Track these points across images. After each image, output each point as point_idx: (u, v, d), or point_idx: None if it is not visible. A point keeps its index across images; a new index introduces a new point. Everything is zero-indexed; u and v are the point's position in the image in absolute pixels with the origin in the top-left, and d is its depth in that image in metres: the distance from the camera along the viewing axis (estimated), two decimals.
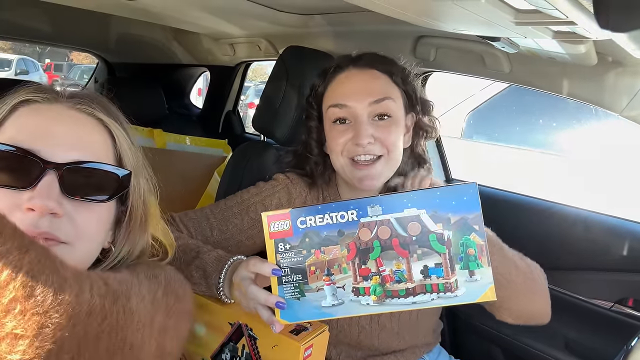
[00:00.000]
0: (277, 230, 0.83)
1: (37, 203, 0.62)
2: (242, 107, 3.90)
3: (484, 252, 0.79)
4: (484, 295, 0.80)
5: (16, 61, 13.75)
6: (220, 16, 2.16)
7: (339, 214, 0.80)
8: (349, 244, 0.81)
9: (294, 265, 0.83)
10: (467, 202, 0.77)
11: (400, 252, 0.80)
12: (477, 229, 0.78)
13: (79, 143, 0.68)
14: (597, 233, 1.67)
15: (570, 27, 0.81)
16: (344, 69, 1.18)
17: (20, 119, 0.68)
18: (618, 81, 1.36)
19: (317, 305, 0.84)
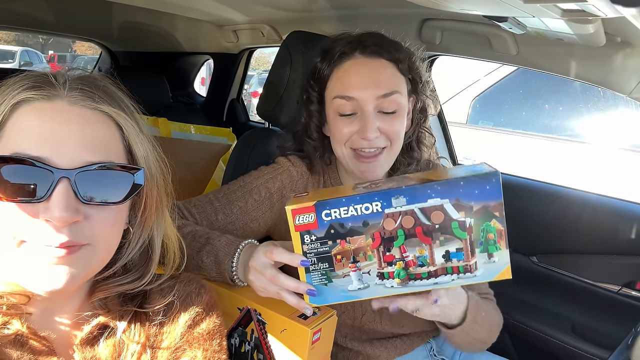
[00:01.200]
0: (302, 223, 0.83)
1: (55, 215, 0.61)
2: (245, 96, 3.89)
3: (502, 237, 0.80)
4: (500, 274, 0.82)
5: (20, 53, 13.73)
6: (224, 2, 2.15)
7: (363, 206, 0.81)
8: (373, 233, 0.82)
9: (321, 255, 0.85)
10: (489, 191, 0.78)
11: (423, 239, 0.82)
12: (497, 216, 0.79)
13: (88, 143, 0.65)
14: (605, 216, 1.67)
15: (579, 4, 0.80)
16: (349, 56, 1.15)
17: (22, 122, 0.64)
18: (627, 62, 1.34)
19: (344, 289, 0.86)
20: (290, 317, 0.94)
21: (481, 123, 4.46)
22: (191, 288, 0.82)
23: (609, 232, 1.65)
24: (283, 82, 1.55)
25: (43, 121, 0.64)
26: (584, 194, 1.75)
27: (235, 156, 1.69)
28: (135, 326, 0.75)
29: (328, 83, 1.18)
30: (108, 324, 0.73)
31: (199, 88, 4.07)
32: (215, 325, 0.81)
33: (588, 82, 1.49)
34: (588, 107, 3.85)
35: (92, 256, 0.66)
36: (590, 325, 1.65)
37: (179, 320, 0.77)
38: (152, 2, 2.25)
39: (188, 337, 0.77)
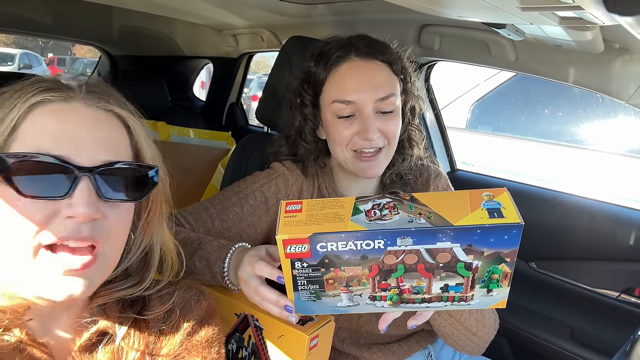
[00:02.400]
0: (294, 252, 0.78)
1: (79, 212, 0.62)
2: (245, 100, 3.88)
3: (507, 277, 0.76)
4: (495, 305, 0.79)
5: (19, 55, 13.74)
6: (223, 7, 2.15)
7: (364, 242, 0.75)
8: (371, 265, 0.77)
9: (312, 279, 0.81)
10: (506, 240, 0.72)
11: (424, 274, 0.77)
12: (508, 261, 0.74)
13: (104, 143, 0.67)
14: (603, 222, 1.67)
15: (576, 12, 0.80)
16: (345, 59, 1.16)
17: (40, 123, 0.65)
18: (625, 69, 1.35)
19: (333, 305, 0.84)
20: (288, 322, 0.94)
21: (480, 128, 4.46)
22: (190, 295, 0.82)
23: (607, 238, 1.64)
24: (282, 87, 1.56)
25: (61, 122, 0.65)
26: (583, 199, 1.75)
27: (234, 160, 1.69)
28: (135, 333, 0.74)
29: (324, 86, 1.18)
30: (107, 330, 0.72)
31: (199, 92, 4.07)
32: (214, 332, 0.81)
33: (587, 89, 1.49)
34: (587, 112, 3.86)
35: (105, 262, 0.68)
36: (589, 331, 1.64)
37: (178, 327, 0.77)
38: (152, 6, 2.26)
39: (187, 345, 0.77)
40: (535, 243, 1.77)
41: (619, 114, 3.41)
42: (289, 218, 0.80)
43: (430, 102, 2.13)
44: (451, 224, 0.72)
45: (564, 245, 1.74)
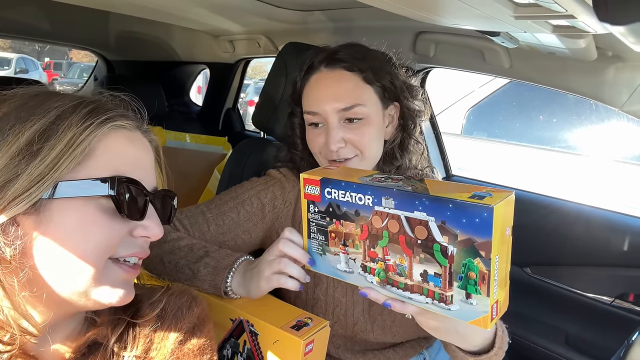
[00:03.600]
0: (309, 193, 0.89)
1: (156, 233, 0.70)
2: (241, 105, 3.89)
3: (485, 281, 0.74)
4: (477, 320, 0.76)
5: (15, 60, 13.72)
6: (220, 13, 2.16)
7: (357, 196, 0.83)
8: (362, 225, 0.84)
9: (320, 227, 0.90)
10: (478, 225, 0.71)
11: (404, 249, 0.80)
12: (482, 256, 0.73)
13: (153, 171, 0.74)
14: (598, 228, 1.68)
15: (569, 20, 0.81)
16: (315, 70, 1.19)
17: (116, 146, 0.68)
18: (618, 76, 1.36)
19: (334, 265, 0.90)
20: (283, 328, 0.94)
21: (475, 134, 4.48)
22: (182, 301, 0.82)
23: (602, 243, 1.65)
24: (279, 93, 1.56)
25: (132, 149, 0.70)
26: (578, 205, 1.76)
27: (230, 165, 1.69)
28: (128, 337, 0.74)
29: (302, 97, 1.22)
30: (99, 340, 0.72)
31: (195, 97, 4.08)
32: (206, 340, 0.80)
33: (580, 96, 1.50)
34: (581, 119, 3.89)
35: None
36: (583, 336, 1.65)
37: (169, 335, 0.77)
38: (149, 12, 2.26)
39: (178, 354, 0.76)
40: (530, 249, 1.78)
41: (613, 121, 3.44)
42: (322, 168, 0.94)
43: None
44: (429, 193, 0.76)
45: (558, 251, 1.75)
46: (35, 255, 0.62)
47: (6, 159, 0.60)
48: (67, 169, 0.62)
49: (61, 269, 0.63)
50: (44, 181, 0.61)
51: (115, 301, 0.67)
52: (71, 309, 0.68)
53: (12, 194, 0.59)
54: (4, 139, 0.61)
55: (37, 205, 0.61)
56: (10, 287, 0.61)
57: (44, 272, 0.63)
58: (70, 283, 0.64)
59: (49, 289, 0.64)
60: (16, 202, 0.59)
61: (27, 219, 0.61)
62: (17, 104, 0.65)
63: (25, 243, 0.61)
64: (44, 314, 0.66)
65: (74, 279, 0.64)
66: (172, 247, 1.09)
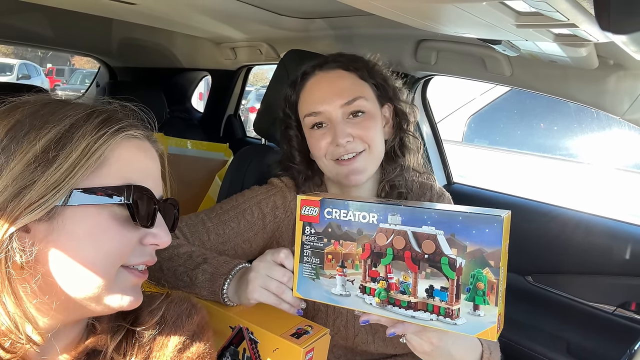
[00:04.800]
0: (306, 214, 0.89)
1: (165, 241, 0.71)
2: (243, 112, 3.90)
3: (494, 290, 0.74)
4: (484, 332, 0.75)
5: (18, 66, 13.78)
6: (222, 20, 2.17)
7: (361, 214, 0.83)
8: (365, 244, 0.83)
9: (315, 250, 0.89)
10: (488, 235, 0.73)
11: (410, 265, 0.79)
12: (492, 265, 0.73)
13: (160, 180, 0.75)
14: (600, 236, 1.67)
15: (571, 29, 0.81)
16: (311, 75, 1.21)
17: (127, 155, 0.69)
18: (619, 84, 1.36)
19: (328, 290, 0.88)
20: (283, 336, 0.94)
21: (476, 141, 4.48)
22: (182, 309, 0.81)
23: (604, 252, 1.65)
24: (280, 100, 1.57)
25: (142, 158, 0.71)
26: (579, 213, 1.75)
27: (232, 172, 1.69)
28: (127, 344, 0.74)
29: (298, 106, 1.23)
30: (98, 348, 0.72)
31: (197, 103, 4.09)
32: (206, 348, 0.80)
33: (581, 104, 1.50)
34: (582, 127, 3.89)
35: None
36: (585, 345, 1.64)
37: (169, 342, 0.76)
38: (151, 19, 2.28)
39: None
40: (531, 257, 1.77)
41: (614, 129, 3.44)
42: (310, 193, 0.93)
43: (427, 115, 2.15)
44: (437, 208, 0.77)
45: (560, 259, 1.74)
46: (48, 262, 0.62)
47: (22, 166, 0.61)
48: (82, 177, 0.63)
49: (74, 276, 0.63)
50: (59, 188, 0.61)
51: (126, 305, 0.69)
52: (79, 314, 0.69)
53: (28, 201, 0.60)
54: (19, 146, 0.62)
55: (51, 213, 0.61)
56: (21, 294, 0.62)
57: (57, 279, 0.63)
58: (82, 289, 0.65)
59: (61, 296, 0.64)
60: (31, 208, 0.60)
61: (41, 226, 0.62)
62: (30, 111, 0.66)
63: (39, 250, 0.61)
64: (52, 321, 0.66)
65: (86, 286, 0.64)
66: (171, 254, 1.09)
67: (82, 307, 0.66)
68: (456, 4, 0.79)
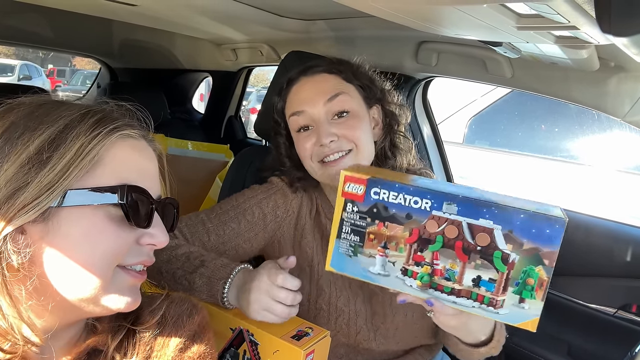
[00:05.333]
0: (350, 191, 0.84)
1: (162, 241, 0.70)
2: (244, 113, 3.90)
3: (543, 287, 0.75)
4: (525, 323, 0.77)
5: (19, 66, 13.79)
6: (223, 21, 2.17)
7: (413, 199, 0.79)
8: (413, 228, 0.80)
9: (356, 228, 0.84)
10: (548, 235, 0.73)
11: (460, 255, 0.78)
12: (546, 264, 0.74)
13: (158, 180, 0.74)
14: (601, 238, 1.67)
15: (572, 31, 0.81)
16: (296, 81, 1.22)
17: (122, 155, 0.68)
18: (620, 86, 1.36)
19: (365, 268, 0.85)
20: (283, 338, 0.94)
21: (477, 143, 4.48)
22: (182, 309, 0.81)
23: (605, 254, 1.65)
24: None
25: (138, 157, 0.70)
26: (580, 215, 1.75)
27: (232, 173, 1.69)
28: (128, 344, 0.74)
29: (285, 111, 1.23)
30: (99, 347, 0.72)
31: (198, 104, 4.09)
32: (206, 349, 0.80)
33: (582, 106, 1.50)
34: (583, 129, 3.88)
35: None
36: (586, 348, 1.63)
37: (169, 342, 0.76)
38: (151, 20, 2.28)
39: None
40: None
41: (615, 130, 3.44)
42: (354, 166, 0.89)
43: (427, 116, 2.15)
44: (498, 203, 0.74)
45: (560, 261, 1.73)
46: (43, 263, 0.62)
47: (15, 168, 0.61)
48: (76, 178, 0.63)
49: (69, 277, 0.63)
50: (53, 189, 0.61)
51: (123, 307, 0.68)
52: (76, 316, 0.68)
53: (22, 202, 0.60)
54: (13, 147, 0.62)
55: (45, 214, 0.61)
56: (16, 296, 0.61)
57: (53, 280, 0.63)
58: (78, 291, 0.64)
59: (57, 297, 0.64)
60: (25, 210, 0.60)
61: (36, 227, 0.61)
62: (24, 113, 0.65)
63: (34, 251, 0.61)
64: (48, 322, 0.65)
65: (83, 287, 0.64)
66: (169, 256, 1.09)
67: (78, 309, 0.66)
68: (457, 6, 0.79)
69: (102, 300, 0.66)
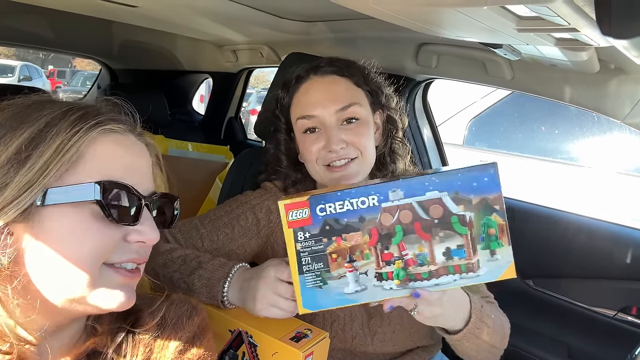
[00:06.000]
0: (295, 219, 0.82)
1: (151, 237, 0.68)
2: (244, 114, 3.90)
3: (504, 231, 0.78)
4: (504, 273, 0.80)
5: (19, 67, 13.80)
6: (223, 23, 2.17)
7: (359, 200, 0.79)
8: (370, 229, 0.80)
9: (315, 254, 0.83)
10: (488, 183, 0.77)
11: (422, 235, 0.79)
12: (498, 209, 0.78)
13: (149, 174, 0.72)
14: (601, 240, 1.67)
15: (572, 34, 0.81)
16: (305, 79, 1.20)
17: (106, 151, 0.67)
18: (620, 88, 1.36)
19: (339, 292, 0.84)
20: (282, 339, 0.94)
21: (477, 145, 4.48)
22: (182, 310, 0.81)
23: (605, 256, 1.64)
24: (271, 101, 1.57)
25: (124, 152, 0.69)
26: (580, 217, 1.75)
27: (232, 174, 1.69)
28: (127, 345, 0.74)
29: (291, 108, 1.22)
30: (98, 349, 0.72)
31: (198, 106, 4.09)
32: (206, 350, 0.80)
33: (582, 108, 1.50)
34: (583, 131, 3.88)
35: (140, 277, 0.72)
36: (586, 350, 1.63)
37: (169, 344, 0.76)
38: (152, 21, 2.28)
39: None
40: (533, 261, 1.77)
41: (615, 132, 3.44)
42: (289, 196, 0.87)
43: (427, 118, 2.15)
44: (436, 171, 0.79)
45: (561, 263, 1.74)
46: (27, 262, 0.62)
47: None
48: (56, 176, 0.62)
49: (55, 276, 0.63)
50: (32, 188, 0.61)
51: (115, 306, 0.66)
52: (67, 315, 0.68)
53: (2, 203, 0.60)
54: None
55: (27, 213, 0.61)
56: (4, 296, 0.61)
57: (38, 279, 0.62)
58: (64, 290, 0.64)
59: (42, 297, 0.63)
60: (5, 210, 0.60)
61: (19, 227, 0.61)
62: (11, 114, 0.65)
63: (18, 251, 0.61)
64: (40, 321, 0.65)
65: (68, 286, 0.64)
66: (165, 259, 1.08)
67: (67, 308, 0.65)
68: (457, 8, 0.79)
69: (90, 299, 0.65)
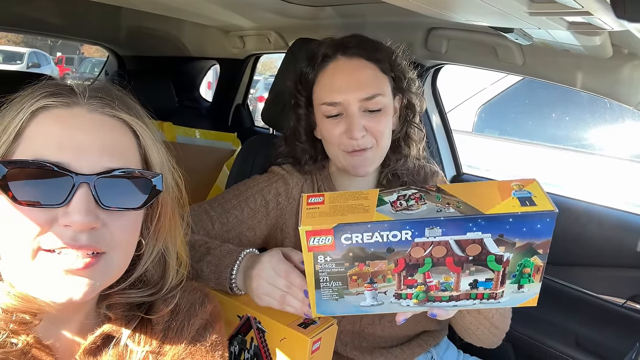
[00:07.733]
0: (316, 244, 0.76)
1: (75, 220, 0.60)
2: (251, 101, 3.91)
3: (539, 272, 0.74)
4: (525, 303, 0.78)
5: (28, 54, 13.83)
6: (231, 8, 2.16)
7: (391, 233, 0.73)
8: (397, 259, 0.75)
9: (334, 275, 0.79)
10: (539, 230, 0.70)
11: (452, 268, 0.75)
12: (540, 253, 0.72)
13: (107, 150, 0.65)
14: (611, 229, 1.65)
15: (585, 17, 0.80)
16: (332, 58, 1.19)
17: (42, 129, 0.64)
18: (634, 74, 1.34)
19: (355, 304, 0.82)
20: (290, 325, 0.94)
21: (487, 131, 4.44)
22: (195, 297, 0.82)
23: (614, 244, 1.63)
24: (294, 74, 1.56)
25: (63, 128, 0.64)
26: (590, 205, 1.73)
27: (239, 162, 1.69)
28: (141, 332, 0.74)
29: (314, 87, 1.21)
30: (112, 334, 0.72)
31: (205, 92, 4.08)
32: (218, 336, 0.81)
33: (594, 94, 1.48)
34: (595, 117, 3.83)
35: (109, 266, 0.66)
36: (594, 338, 1.63)
37: (182, 330, 0.77)
38: (160, 7, 2.27)
39: (191, 349, 0.77)
40: None
41: (627, 119, 3.39)
42: (311, 210, 0.78)
43: (436, 105, 2.13)
44: (482, 212, 0.70)
45: (570, 252, 1.73)
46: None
47: None
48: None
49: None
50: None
51: (64, 300, 0.62)
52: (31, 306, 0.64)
53: None
54: None
55: None
56: None
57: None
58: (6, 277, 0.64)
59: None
60: None
61: None
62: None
63: None
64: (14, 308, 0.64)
65: (8, 273, 0.64)
66: None
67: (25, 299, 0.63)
68: None
69: (32, 288, 0.63)
